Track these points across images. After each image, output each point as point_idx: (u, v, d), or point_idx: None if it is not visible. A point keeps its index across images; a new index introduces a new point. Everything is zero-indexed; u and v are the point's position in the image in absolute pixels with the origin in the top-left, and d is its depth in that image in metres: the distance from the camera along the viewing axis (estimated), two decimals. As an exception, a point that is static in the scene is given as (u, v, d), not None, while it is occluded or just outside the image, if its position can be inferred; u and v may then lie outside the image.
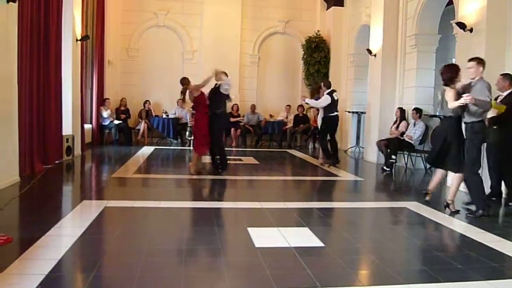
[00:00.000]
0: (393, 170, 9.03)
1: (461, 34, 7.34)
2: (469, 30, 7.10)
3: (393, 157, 9.05)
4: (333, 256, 3.90)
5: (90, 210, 5.12)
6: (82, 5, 9.97)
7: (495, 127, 6.18)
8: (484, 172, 6.68)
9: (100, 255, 3.73)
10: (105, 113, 12.25)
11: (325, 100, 9.21)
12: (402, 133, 9.40)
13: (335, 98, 9.27)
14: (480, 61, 5.53)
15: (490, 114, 6.22)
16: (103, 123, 12.34)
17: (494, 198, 6.42)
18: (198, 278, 3.31)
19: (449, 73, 5.69)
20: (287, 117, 13.90)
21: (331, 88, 9.40)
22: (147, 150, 11.35)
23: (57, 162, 8.33)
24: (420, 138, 9.20)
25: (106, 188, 6.82)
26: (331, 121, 9.31)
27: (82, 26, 9.86)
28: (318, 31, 14.00)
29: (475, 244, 4.38)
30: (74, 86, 9.24)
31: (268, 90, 14.42)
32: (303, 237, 4.32)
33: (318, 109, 10.09)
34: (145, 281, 3.12)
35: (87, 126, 11.17)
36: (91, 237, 4.13)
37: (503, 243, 4.34)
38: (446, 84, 5.68)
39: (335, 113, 9.31)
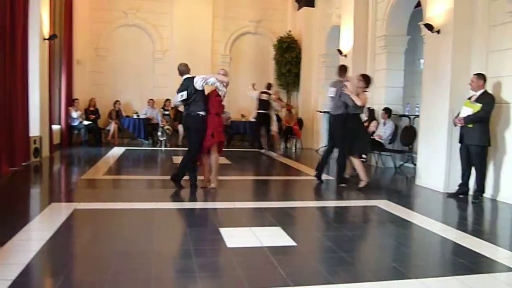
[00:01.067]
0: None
1: (428, 36, 7.49)
2: (436, 31, 7.25)
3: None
4: (305, 255, 3.93)
5: (59, 212, 5.02)
6: (50, 3, 9.77)
7: (470, 126, 6.31)
8: (454, 169, 6.86)
9: (70, 258, 3.66)
10: (74, 114, 12.01)
11: None
12: (372, 133, 9.53)
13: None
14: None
15: (465, 113, 6.38)
16: (72, 124, 12.11)
17: (461, 195, 6.59)
18: (170, 280, 3.28)
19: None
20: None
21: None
22: (117, 151, 11.19)
23: (24, 164, 8.14)
24: (390, 137, 9.35)
25: (75, 190, 6.70)
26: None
27: (49, 25, 9.66)
28: (289, 31, 14.08)
29: (444, 241, 4.48)
30: (41, 86, 9.05)
31: (240, 90, 14.43)
32: (275, 237, 4.33)
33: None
34: (116, 284, 3.08)
35: (56, 127, 10.94)
36: (61, 240, 4.05)
37: (471, 240, 4.45)
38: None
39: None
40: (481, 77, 6.40)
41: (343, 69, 7.47)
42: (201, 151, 6.56)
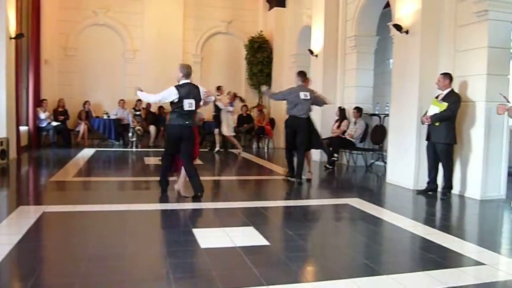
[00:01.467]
0: (335, 167, 9.25)
1: (397, 36, 7.62)
2: (405, 31, 7.38)
3: (335, 155, 9.27)
4: (278, 254, 3.95)
5: (28, 216, 4.90)
6: (16, 1, 9.52)
7: (436, 124, 6.45)
8: (424, 167, 6.99)
9: (39, 262, 3.58)
10: (42, 115, 11.74)
11: None
12: (344, 132, 9.65)
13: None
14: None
15: (432, 111, 6.52)
16: (40, 125, 11.84)
17: (430, 192, 6.73)
18: (143, 282, 3.24)
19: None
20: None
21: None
22: (87, 152, 11.01)
23: (-10, 166, 7.93)
24: (361, 136, 9.48)
25: (44, 192, 6.56)
26: None
27: (16, 24, 9.42)
28: (260, 31, 14.11)
29: (414, 237, 4.57)
30: (8, 86, 8.82)
31: (212, 90, 14.38)
32: (248, 236, 4.34)
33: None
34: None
35: (23, 128, 10.68)
36: (29, 244, 3.95)
37: (440, 235, 4.55)
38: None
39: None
40: (447, 76, 6.55)
41: (303, 74, 7.87)
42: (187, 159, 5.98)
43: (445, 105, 6.38)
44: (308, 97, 7.53)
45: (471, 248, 4.20)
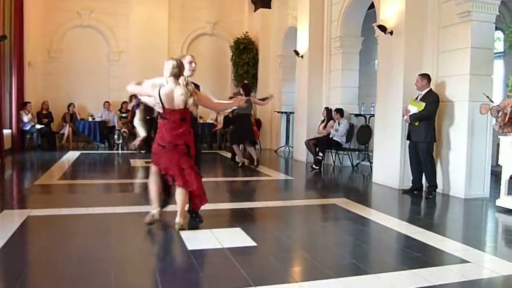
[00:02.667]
0: (321, 168, 9.29)
1: (382, 37, 7.68)
2: (389, 32, 7.44)
3: (320, 154, 9.30)
4: (265, 255, 3.95)
5: (12, 220, 4.84)
6: (-2, 3, 9.42)
7: (416, 124, 6.53)
8: (408, 167, 7.05)
9: (24, 267, 3.53)
10: (25, 117, 11.60)
11: None
12: (329, 133, 9.69)
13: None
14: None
15: (411, 111, 6.59)
16: (24, 128, 11.69)
17: (416, 192, 6.79)
18: (130, 286, 3.23)
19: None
20: (217, 119, 13.89)
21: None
22: (72, 155, 10.91)
23: (-27, 170, 7.81)
24: (345, 133, 9.50)
25: (28, 196, 6.49)
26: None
27: (-2, 26, 9.31)
28: (246, 32, 14.11)
29: (400, 236, 4.61)
30: (-10, 89, 8.71)
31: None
32: (235, 238, 4.34)
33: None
34: (73, 291, 3.00)
35: (6, 132, 10.54)
36: (14, 248, 3.90)
37: (425, 234, 4.59)
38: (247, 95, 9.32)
39: None
40: (425, 77, 6.64)
41: (246, 88, 9.73)
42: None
43: (422, 105, 6.49)
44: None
45: (455, 246, 4.25)
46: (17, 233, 4.34)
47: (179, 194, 4.60)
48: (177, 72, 4.55)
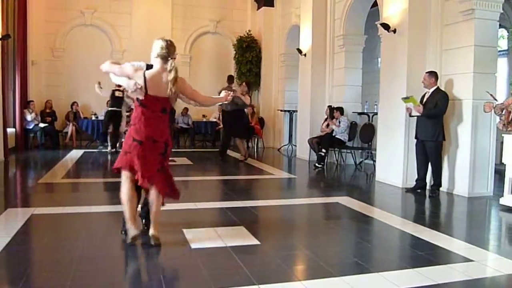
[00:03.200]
0: (325, 166, 9.28)
1: (385, 35, 7.66)
2: (392, 30, 7.42)
3: (323, 150, 9.29)
4: (269, 253, 3.95)
5: (16, 218, 4.86)
6: (2, 2, 9.42)
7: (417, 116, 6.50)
8: (412, 165, 7.04)
9: (28, 265, 3.55)
10: (29, 116, 11.64)
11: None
12: (333, 130, 9.68)
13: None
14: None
15: (412, 108, 6.59)
16: (28, 127, 11.73)
17: (419, 190, 6.78)
18: (133, 284, 3.23)
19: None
20: (219, 118, 13.89)
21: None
22: (76, 153, 10.93)
23: (-23, 169, 7.84)
24: (347, 131, 9.49)
25: (32, 194, 6.51)
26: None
27: (2, 25, 9.31)
28: (249, 31, 14.11)
29: (403, 235, 4.61)
30: (-6, 88, 8.73)
31: (201, 90, 14.26)
32: (238, 236, 4.34)
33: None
34: (77, 289, 3.01)
35: (10, 130, 10.57)
36: (17, 247, 3.91)
37: (429, 232, 4.58)
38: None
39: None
40: (433, 74, 6.61)
41: (231, 78, 10.68)
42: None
43: (414, 99, 6.53)
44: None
45: (459, 245, 4.24)
46: (21, 231, 4.35)
47: (154, 199, 3.93)
48: (165, 54, 3.89)
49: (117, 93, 10.86)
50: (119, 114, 11.09)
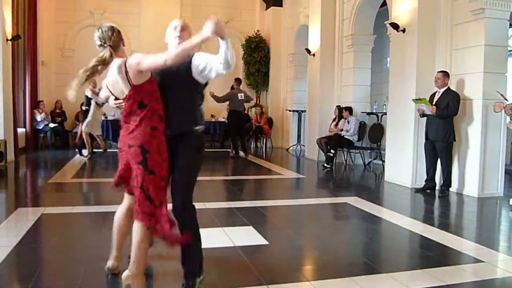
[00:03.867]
0: (333, 166, 9.26)
1: (394, 34, 7.63)
2: (401, 30, 7.39)
3: (332, 151, 9.27)
4: (277, 254, 3.95)
5: (26, 218, 4.90)
6: (13, 3, 9.51)
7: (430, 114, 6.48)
8: (421, 165, 7.01)
9: (38, 265, 3.57)
10: (39, 117, 11.74)
11: None
12: (341, 130, 9.66)
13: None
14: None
15: (424, 109, 6.55)
16: (38, 127, 11.83)
17: (428, 190, 6.75)
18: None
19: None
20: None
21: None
22: (85, 153, 10.96)
23: (-12, 168, 7.92)
24: (357, 131, 9.47)
25: (42, 194, 6.56)
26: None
27: (12, 25, 9.41)
28: (257, 31, 14.11)
29: (412, 235, 4.59)
30: (5, 88, 8.80)
31: (207, 91, 14.34)
32: (247, 236, 4.34)
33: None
34: (86, 288, 3.03)
35: (21, 130, 10.66)
36: (28, 246, 3.95)
37: (438, 233, 4.56)
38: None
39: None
40: (446, 74, 6.58)
41: (239, 81, 11.11)
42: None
43: (425, 99, 6.52)
44: (243, 98, 10.71)
45: (469, 245, 4.21)
46: (31, 231, 4.39)
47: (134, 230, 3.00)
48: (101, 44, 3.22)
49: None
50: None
